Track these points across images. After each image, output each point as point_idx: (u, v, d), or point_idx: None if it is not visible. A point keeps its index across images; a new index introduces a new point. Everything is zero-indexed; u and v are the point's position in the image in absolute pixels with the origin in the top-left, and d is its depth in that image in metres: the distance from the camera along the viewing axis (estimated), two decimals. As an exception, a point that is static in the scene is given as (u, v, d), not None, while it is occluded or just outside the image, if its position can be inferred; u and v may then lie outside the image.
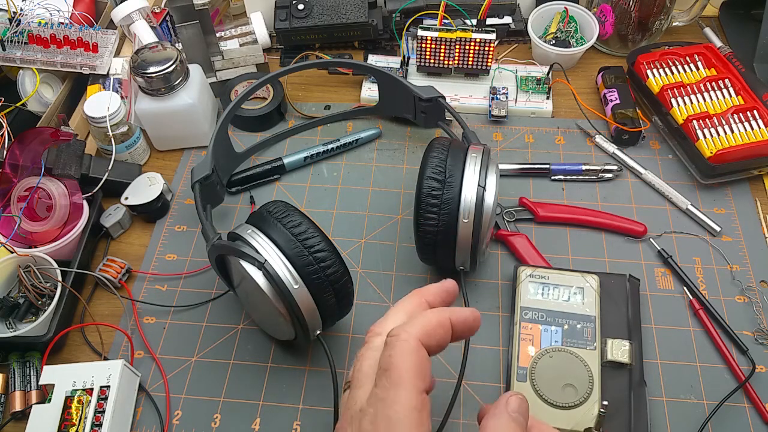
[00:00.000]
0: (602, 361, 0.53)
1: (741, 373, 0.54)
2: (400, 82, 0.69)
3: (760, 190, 0.67)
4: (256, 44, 0.77)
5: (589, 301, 0.56)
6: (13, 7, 0.71)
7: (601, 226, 0.64)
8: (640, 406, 0.51)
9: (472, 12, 0.75)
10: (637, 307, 0.57)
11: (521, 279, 0.58)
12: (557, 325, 0.55)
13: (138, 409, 0.54)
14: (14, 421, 0.54)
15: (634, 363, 0.53)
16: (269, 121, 0.74)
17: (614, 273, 0.59)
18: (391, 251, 0.64)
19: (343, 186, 0.69)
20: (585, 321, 0.55)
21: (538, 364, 0.53)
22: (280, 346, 0.58)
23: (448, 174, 0.53)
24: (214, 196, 0.63)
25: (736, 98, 0.68)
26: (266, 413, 0.54)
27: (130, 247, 0.65)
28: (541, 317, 0.56)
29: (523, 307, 0.56)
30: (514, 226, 0.64)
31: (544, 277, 0.58)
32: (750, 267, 0.61)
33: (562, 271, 0.58)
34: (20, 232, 0.60)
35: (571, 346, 0.54)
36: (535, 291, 0.57)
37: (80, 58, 0.72)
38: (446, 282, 0.43)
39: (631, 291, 0.57)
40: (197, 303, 0.61)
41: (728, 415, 0.52)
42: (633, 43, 0.80)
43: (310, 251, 0.48)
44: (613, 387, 0.52)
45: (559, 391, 0.51)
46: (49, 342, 0.55)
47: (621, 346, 0.53)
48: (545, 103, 0.74)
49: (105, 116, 0.64)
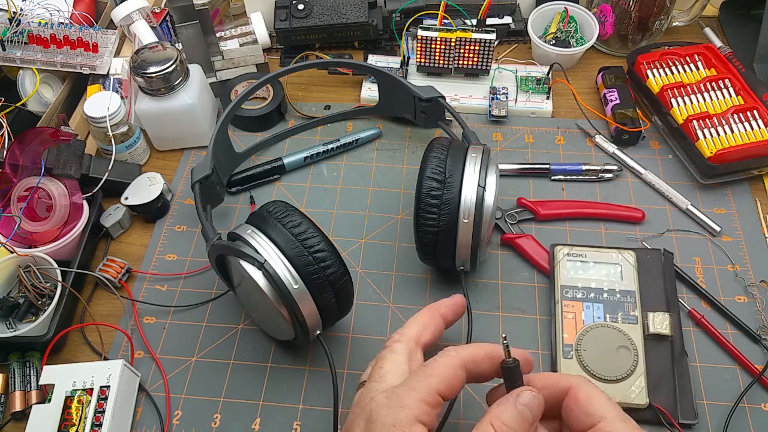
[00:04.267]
0: (645, 334, 0.54)
1: (754, 368, 0.54)
2: (400, 82, 0.69)
3: (760, 190, 0.67)
4: (256, 44, 0.77)
5: (627, 276, 0.58)
6: (13, 7, 0.71)
7: (601, 217, 0.65)
8: (683, 375, 0.53)
9: (472, 12, 0.75)
10: (673, 280, 0.58)
11: (559, 258, 0.59)
12: (599, 302, 0.56)
13: (138, 409, 0.54)
14: (14, 421, 0.54)
15: (675, 334, 0.54)
16: (269, 121, 0.74)
17: (648, 248, 0.61)
18: (391, 251, 0.64)
19: (343, 186, 0.69)
20: (625, 296, 0.57)
21: (583, 340, 0.54)
22: (280, 346, 0.58)
23: (448, 174, 0.53)
24: (214, 196, 0.63)
25: (736, 98, 0.68)
26: (266, 413, 0.54)
27: (130, 247, 0.65)
28: (582, 294, 0.57)
29: (564, 285, 0.58)
30: (518, 227, 0.64)
31: (581, 255, 0.59)
32: (750, 267, 0.61)
33: (599, 248, 0.60)
34: (20, 232, 0.60)
35: (613, 321, 0.55)
36: (573, 269, 0.59)
37: (80, 58, 0.72)
38: (455, 297, 0.49)
39: (665, 264, 0.59)
40: (197, 303, 0.61)
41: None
42: (633, 43, 0.80)
43: (310, 251, 0.48)
44: (656, 359, 0.53)
45: (605, 365, 0.53)
46: (49, 342, 0.55)
47: (662, 318, 0.54)
48: (545, 103, 0.74)
49: (105, 116, 0.64)
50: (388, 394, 0.38)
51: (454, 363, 0.39)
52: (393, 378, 0.40)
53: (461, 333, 0.57)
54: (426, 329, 0.45)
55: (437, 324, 0.46)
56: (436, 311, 0.46)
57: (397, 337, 0.44)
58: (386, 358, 0.42)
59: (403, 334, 0.44)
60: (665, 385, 0.52)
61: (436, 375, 0.38)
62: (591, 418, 0.37)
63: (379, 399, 0.38)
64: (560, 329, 0.55)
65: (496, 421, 0.36)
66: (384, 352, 0.43)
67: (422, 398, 0.37)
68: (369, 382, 0.41)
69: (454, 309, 0.48)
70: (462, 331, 0.57)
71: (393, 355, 0.42)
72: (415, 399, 0.37)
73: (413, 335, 0.44)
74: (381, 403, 0.38)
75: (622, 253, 0.59)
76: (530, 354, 0.43)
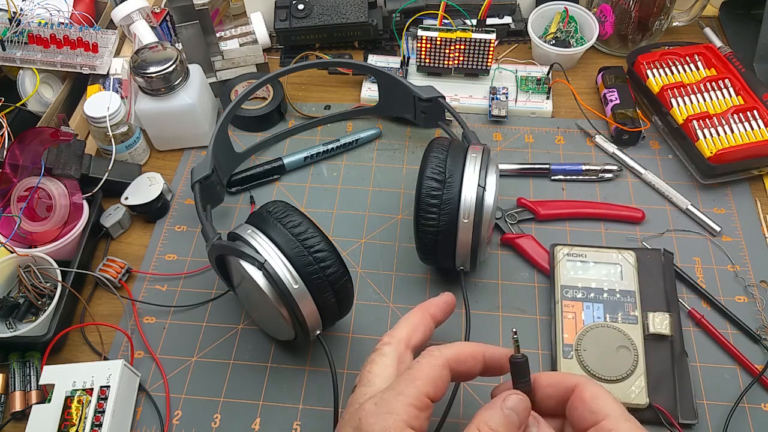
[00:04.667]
0: (645, 334, 0.54)
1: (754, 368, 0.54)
2: (400, 82, 0.69)
3: (760, 190, 0.67)
4: (256, 44, 0.77)
5: (627, 276, 0.58)
6: (13, 7, 0.71)
7: (601, 217, 0.65)
8: (683, 375, 0.53)
9: (472, 12, 0.75)
10: (673, 280, 0.58)
11: (559, 258, 0.59)
12: (598, 302, 0.56)
13: (138, 409, 0.54)
14: (14, 421, 0.54)
15: (675, 334, 0.54)
16: (269, 121, 0.74)
17: (648, 248, 0.61)
18: (391, 251, 0.64)
19: (343, 186, 0.69)
20: (625, 296, 0.57)
21: (583, 340, 0.54)
22: (280, 346, 0.58)
23: (448, 174, 0.53)
24: (214, 196, 0.63)
25: (736, 98, 0.68)
26: (266, 413, 0.54)
27: (130, 247, 0.65)
28: (582, 294, 0.57)
29: (564, 285, 0.58)
30: (518, 227, 0.64)
31: (581, 255, 0.59)
32: (750, 267, 0.61)
33: (599, 248, 0.60)
34: (20, 232, 0.60)
35: (613, 321, 0.55)
36: (573, 269, 0.59)
37: (80, 58, 0.72)
38: (445, 295, 0.48)
39: (665, 264, 0.59)
40: (197, 303, 0.61)
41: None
42: (633, 43, 0.80)
43: (310, 251, 0.48)
44: (656, 359, 0.54)
45: (605, 365, 0.53)
46: (49, 342, 0.55)
47: (662, 318, 0.54)
48: (545, 103, 0.74)
49: (105, 116, 0.64)
50: (377, 400, 0.38)
51: (438, 363, 0.39)
52: (381, 381, 0.40)
53: (461, 333, 0.57)
54: (416, 330, 0.44)
55: (427, 324, 0.45)
56: (426, 312, 0.46)
57: (386, 339, 0.44)
58: (375, 361, 0.42)
59: (393, 336, 0.44)
60: (665, 385, 0.52)
61: (422, 377, 0.38)
62: (595, 416, 0.37)
63: (368, 407, 0.38)
64: (560, 329, 0.55)
65: (483, 426, 0.36)
66: (373, 355, 0.43)
67: (411, 402, 0.37)
68: (358, 386, 0.41)
69: (444, 308, 0.47)
70: (462, 330, 0.57)
71: (382, 358, 0.42)
72: (404, 404, 0.37)
73: (403, 337, 0.43)
74: (369, 410, 0.37)
75: (622, 253, 0.59)
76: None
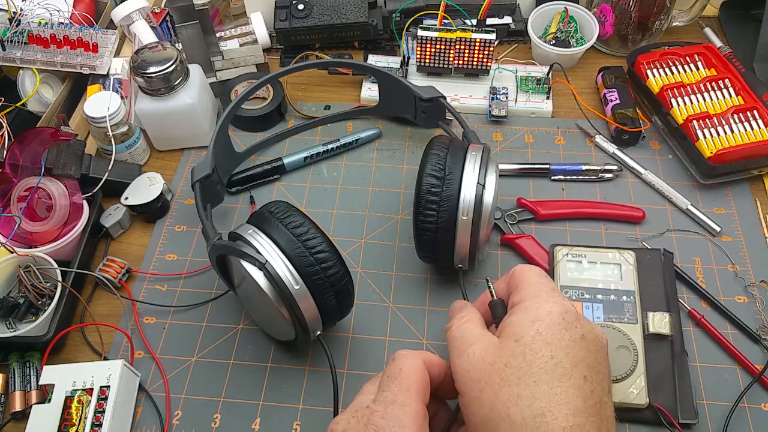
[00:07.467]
0: (644, 334, 0.54)
1: (754, 368, 0.54)
2: (400, 82, 0.69)
3: (760, 190, 0.67)
4: (256, 44, 0.77)
5: (627, 276, 0.58)
6: (13, 7, 0.71)
7: (601, 217, 0.65)
8: (683, 375, 0.53)
9: (472, 12, 0.75)
10: (673, 280, 0.58)
11: (558, 259, 0.59)
12: (598, 302, 0.57)
13: (138, 409, 0.54)
14: (14, 421, 0.54)
15: (675, 334, 0.55)
16: (269, 121, 0.74)
17: (648, 248, 0.61)
18: (391, 251, 0.64)
19: (343, 186, 0.69)
20: (625, 296, 0.57)
21: None
22: (280, 346, 0.58)
23: (448, 171, 0.53)
24: (214, 195, 0.63)
25: (736, 98, 0.68)
26: (266, 413, 0.54)
27: (130, 247, 0.65)
28: (582, 294, 0.57)
29: (563, 285, 0.58)
30: (518, 228, 0.64)
31: (581, 255, 0.59)
32: (750, 267, 0.61)
33: (598, 249, 0.60)
34: (20, 232, 0.60)
35: (613, 321, 0.55)
36: (573, 269, 0.59)
37: (80, 58, 0.72)
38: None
39: (665, 264, 0.59)
40: (197, 303, 0.61)
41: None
42: (633, 43, 0.80)
43: (312, 252, 0.48)
44: (656, 358, 0.54)
45: None
46: (49, 342, 0.55)
47: (661, 318, 0.55)
48: (545, 103, 0.74)
49: (105, 116, 0.64)
50: (383, 414, 0.37)
51: (417, 364, 0.40)
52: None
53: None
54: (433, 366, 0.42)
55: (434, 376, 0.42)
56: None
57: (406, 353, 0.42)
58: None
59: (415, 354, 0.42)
60: (665, 385, 0.52)
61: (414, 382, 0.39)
62: (515, 285, 0.42)
63: (376, 420, 0.37)
64: None
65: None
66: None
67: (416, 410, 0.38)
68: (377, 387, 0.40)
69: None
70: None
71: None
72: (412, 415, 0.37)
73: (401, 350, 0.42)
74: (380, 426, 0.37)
75: (622, 253, 0.59)
76: None
